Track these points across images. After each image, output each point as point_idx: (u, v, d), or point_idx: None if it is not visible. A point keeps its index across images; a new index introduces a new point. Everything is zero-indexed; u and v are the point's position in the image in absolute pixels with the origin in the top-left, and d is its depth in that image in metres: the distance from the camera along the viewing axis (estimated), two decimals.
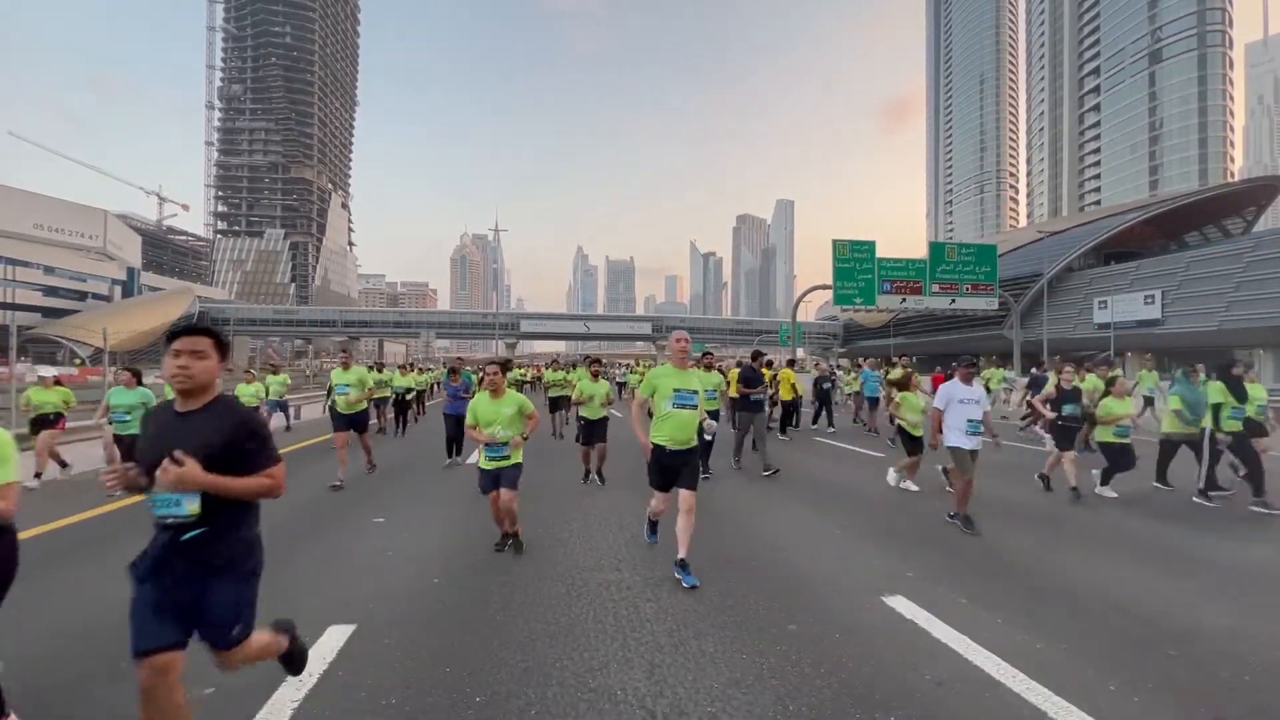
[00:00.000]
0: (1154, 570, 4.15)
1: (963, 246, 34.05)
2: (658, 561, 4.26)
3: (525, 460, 4.64)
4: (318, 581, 3.91)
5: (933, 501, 6.20)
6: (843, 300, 31.36)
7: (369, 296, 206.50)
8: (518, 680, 2.63)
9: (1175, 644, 3.00)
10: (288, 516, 5.65)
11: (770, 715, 2.37)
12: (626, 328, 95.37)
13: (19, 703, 2.35)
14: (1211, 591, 3.76)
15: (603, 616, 3.32)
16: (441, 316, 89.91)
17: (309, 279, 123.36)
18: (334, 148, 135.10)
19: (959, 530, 5.07)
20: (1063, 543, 4.83)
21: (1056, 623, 3.24)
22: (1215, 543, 4.85)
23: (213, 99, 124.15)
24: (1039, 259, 48.21)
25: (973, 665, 2.76)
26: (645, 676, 2.66)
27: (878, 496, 6.58)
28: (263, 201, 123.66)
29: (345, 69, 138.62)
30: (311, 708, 2.43)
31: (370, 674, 2.69)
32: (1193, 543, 4.86)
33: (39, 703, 2.46)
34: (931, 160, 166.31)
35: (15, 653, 2.74)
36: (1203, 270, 41.60)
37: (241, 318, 79.04)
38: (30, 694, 2.47)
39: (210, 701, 2.47)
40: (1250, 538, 5.03)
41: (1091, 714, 2.36)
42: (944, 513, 5.49)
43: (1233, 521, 5.54)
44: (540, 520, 5.42)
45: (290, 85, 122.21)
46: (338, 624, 3.18)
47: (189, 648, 1.91)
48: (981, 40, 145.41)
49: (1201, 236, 52.84)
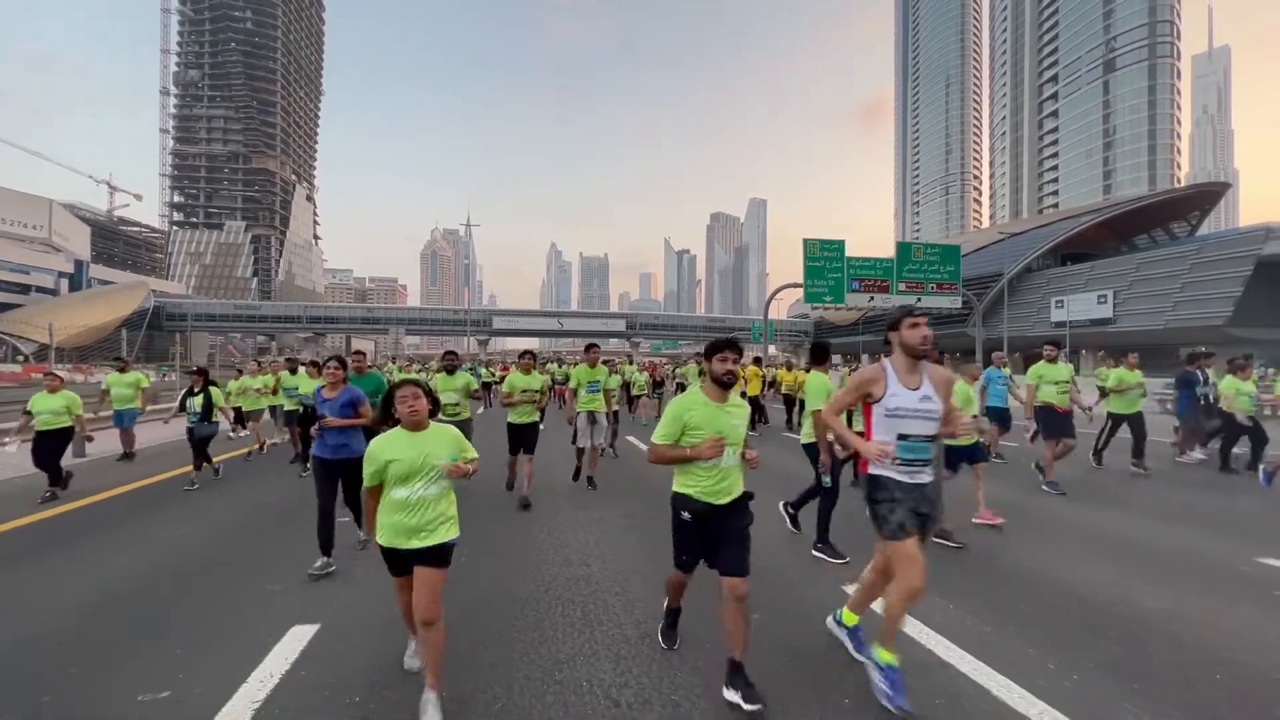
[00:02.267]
0: (1103, 556, 4.39)
1: (928, 247, 34.98)
2: (626, 557, 4.32)
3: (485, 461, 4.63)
4: (282, 582, 3.84)
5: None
6: (813, 298, 31.87)
7: (336, 292, 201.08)
8: (484, 675, 2.65)
9: (1117, 626, 3.19)
10: (253, 519, 5.52)
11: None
12: (601, 325, 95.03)
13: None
14: (1152, 575, 4.00)
15: (571, 611, 3.36)
16: (412, 313, 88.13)
17: (272, 273, 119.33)
18: (298, 138, 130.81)
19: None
20: (1022, 533, 5.05)
21: (1009, 608, 3.40)
22: (1164, 528, 5.14)
23: (168, 84, 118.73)
24: (1000, 259, 49.90)
25: (925, 648, 2.89)
26: (612, 668, 2.71)
27: (843, 492, 6.75)
28: (222, 192, 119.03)
29: (310, 56, 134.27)
30: (274, 707, 2.40)
31: (333, 673, 2.67)
32: (1136, 530, 5.14)
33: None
34: (900, 161, 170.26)
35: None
36: (1151, 272, 43.64)
37: (200, 313, 76.16)
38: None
39: (168, 703, 2.42)
40: (1195, 521, 5.34)
41: (1029, 690, 2.50)
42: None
43: (1180, 507, 5.88)
44: (513, 520, 5.41)
45: (251, 72, 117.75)
46: (301, 624, 3.14)
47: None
48: (947, 45, 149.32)
49: (1150, 239, 55.41)
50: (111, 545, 4.67)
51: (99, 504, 5.99)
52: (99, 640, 3.01)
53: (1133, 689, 2.55)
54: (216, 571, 4.05)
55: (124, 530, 5.08)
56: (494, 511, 5.61)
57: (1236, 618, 3.30)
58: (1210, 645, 2.95)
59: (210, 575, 3.97)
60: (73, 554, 4.42)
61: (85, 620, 3.25)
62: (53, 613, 3.36)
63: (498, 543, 4.66)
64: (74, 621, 3.23)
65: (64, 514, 5.58)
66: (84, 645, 2.94)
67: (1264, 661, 2.79)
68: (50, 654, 2.85)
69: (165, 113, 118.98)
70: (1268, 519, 5.52)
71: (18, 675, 2.68)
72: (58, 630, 3.13)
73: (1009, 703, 2.43)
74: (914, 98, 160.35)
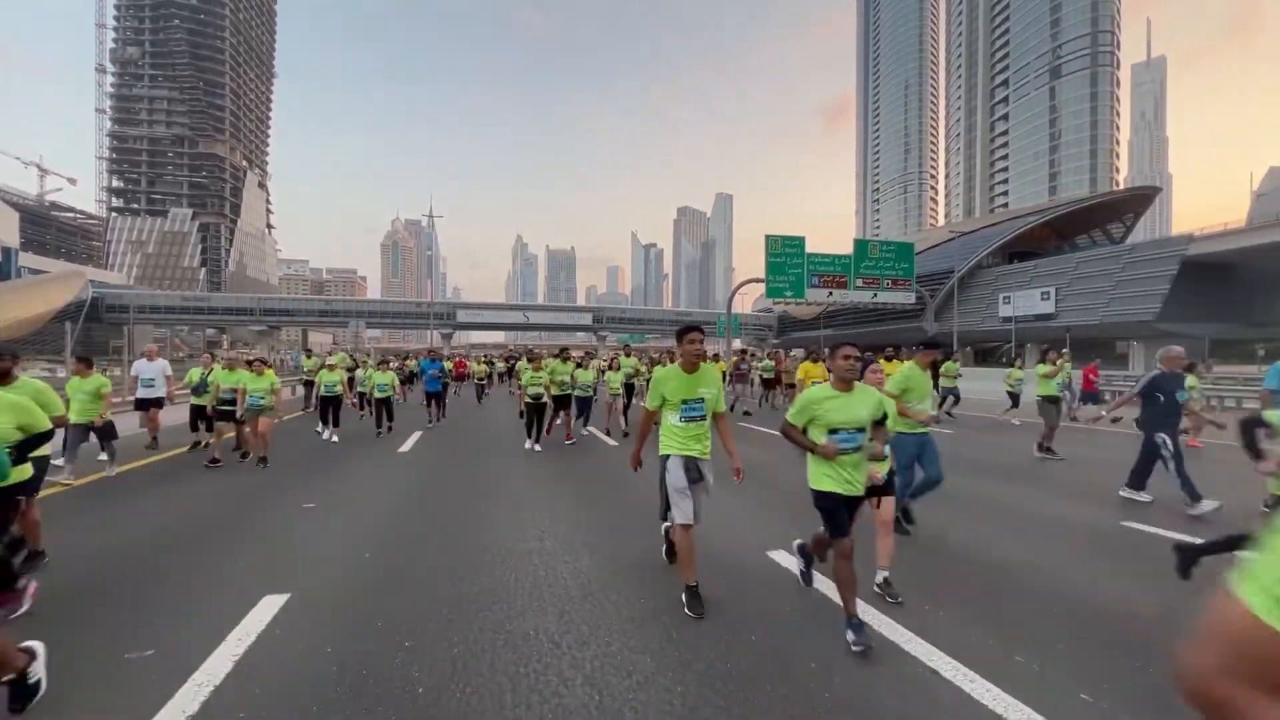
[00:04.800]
0: (1032, 534, 5.01)
1: (884, 244, 36.37)
2: (576, 532, 4.72)
3: (451, 439, 4.93)
4: (250, 558, 4.10)
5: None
6: (774, 293, 32.80)
7: (291, 283, 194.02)
8: (443, 628, 3.01)
9: (1015, 586, 3.77)
10: (218, 501, 5.69)
11: (657, 642, 2.88)
12: (568, 318, 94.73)
13: None
14: (1083, 553, 4.63)
15: (523, 578, 3.74)
16: (373, 305, 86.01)
17: (222, 263, 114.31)
18: (249, 122, 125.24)
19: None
20: (952, 510, 5.65)
21: (904, 564, 3.94)
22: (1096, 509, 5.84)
23: (104, 62, 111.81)
24: (952, 257, 52.11)
25: (825, 598, 3.39)
26: (556, 620, 3.11)
27: (783, 472, 7.31)
28: (165, 177, 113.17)
29: (261, 37, 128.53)
30: (253, 658, 2.71)
31: (306, 632, 2.98)
32: (1073, 510, 5.82)
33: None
34: (861, 160, 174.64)
35: None
36: (1089, 270, 46.35)
37: (143, 305, 72.49)
38: None
39: (154, 659, 2.70)
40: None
41: (905, 626, 3.02)
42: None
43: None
44: (473, 497, 5.74)
45: (196, 51, 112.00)
46: (272, 594, 3.42)
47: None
48: (907, 48, 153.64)
49: (1089, 239, 58.74)
50: (80, 530, 4.80)
51: (73, 491, 6.01)
52: (78, 609, 3.23)
53: (1047, 645, 3.09)
54: (182, 550, 4.25)
55: (90, 517, 5.18)
56: (452, 492, 5.92)
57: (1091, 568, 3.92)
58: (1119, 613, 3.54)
59: (178, 554, 4.18)
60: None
61: (64, 594, 3.45)
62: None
63: (455, 522, 4.98)
64: (53, 595, 3.43)
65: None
66: (66, 613, 3.16)
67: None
68: (33, 624, 3.07)
69: (101, 92, 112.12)
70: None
71: (16, 633, 2.89)
72: (39, 604, 3.33)
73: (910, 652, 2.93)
74: (875, 98, 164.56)
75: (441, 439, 10.10)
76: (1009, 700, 2.38)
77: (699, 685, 2.49)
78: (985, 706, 2.35)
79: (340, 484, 6.68)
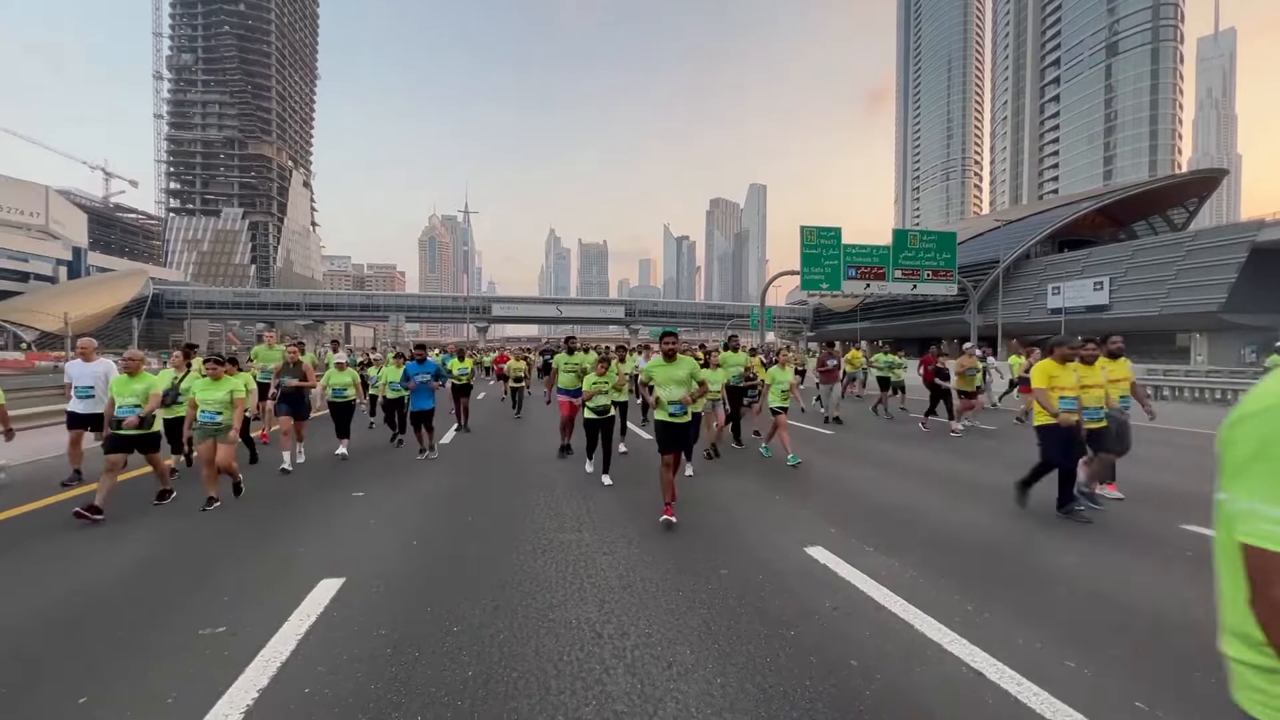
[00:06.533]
0: (1033, 520, 4.87)
1: (924, 234, 35.22)
2: (614, 525, 4.80)
3: (499, 435, 5.07)
4: (307, 544, 4.33)
5: (866, 470, 6.89)
6: (809, 285, 32.21)
7: (334, 279, 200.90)
8: (488, 615, 3.12)
9: (1030, 575, 3.67)
10: (274, 491, 6.00)
11: (696, 634, 2.92)
12: (599, 311, 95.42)
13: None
14: (1071, 535, 4.48)
15: (563, 568, 3.83)
16: (411, 299, 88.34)
17: (270, 260, 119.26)
18: (294, 123, 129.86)
19: (879, 494, 5.73)
20: (983, 505, 5.53)
21: (945, 564, 3.88)
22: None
23: (161, 69, 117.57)
24: (997, 246, 50.15)
25: (866, 596, 3.37)
26: (596, 610, 3.19)
27: (817, 467, 7.24)
28: (218, 178, 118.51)
29: (304, 39, 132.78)
30: (314, 636, 2.88)
31: (361, 613, 3.15)
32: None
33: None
34: (901, 147, 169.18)
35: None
36: (1147, 258, 43.89)
37: (199, 300, 76.39)
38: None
39: (225, 635, 2.90)
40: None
41: (948, 625, 2.98)
42: (878, 481, 6.16)
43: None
44: (512, 490, 5.89)
45: (245, 56, 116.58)
46: (329, 578, 3.61)
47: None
48: (950, 29, 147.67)
49: (1148, 225, 55.58)
50: (142, 523, 5.14)
51: (124, 484, 6.43)
52: (153, 590, 3.49)
53: (1042, 621, 3.03)
54: (245, 538, 4.52)
55: (152, 510, 5.55)
56: (492, 489, 6.08)
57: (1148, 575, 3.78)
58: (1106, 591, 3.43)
59: (241, 541, 4.45)
60: (112, 528, 4.87)
61: (136, 576, 3.73)
62: (108, 569, 3.84)
63: (497, 513, 5.13)
64: (126, 576, 3.71)
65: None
66: (146, 589, 3.42)
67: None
68: (113, 603, 3.33)
69: (159, 98, 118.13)
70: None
71: (103, 611, 3.15)
72: (114, 584, 3.60)
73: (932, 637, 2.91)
74: (915, 83, 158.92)
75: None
76: (1058, 705, 2.33)
77: (739, 678, 2.53)
78: (1034, 710, 2.30)
79: (382, 476, 6.93)
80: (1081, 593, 3.45)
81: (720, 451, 7.95)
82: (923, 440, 9.30)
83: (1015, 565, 3.91)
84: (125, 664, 2.66)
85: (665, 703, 2.35)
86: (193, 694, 2.42)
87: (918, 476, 6.62)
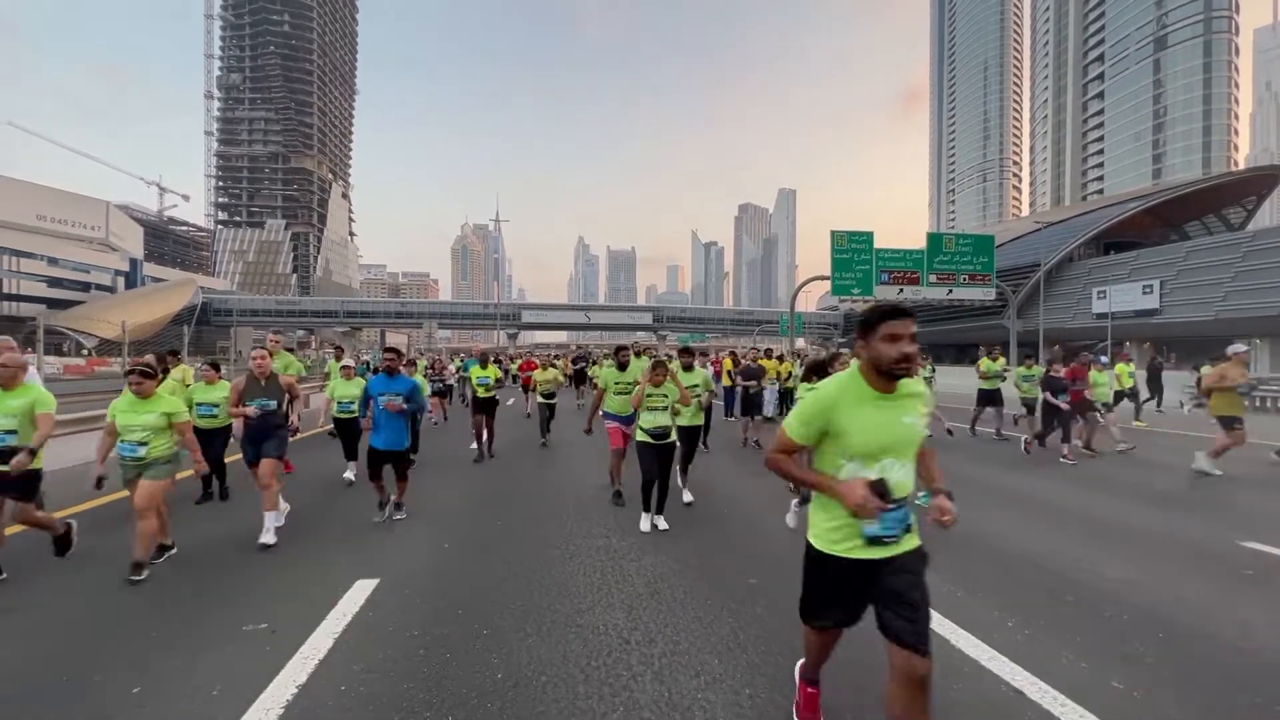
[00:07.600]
0: (1071, 528, 4.67)
1: (960, 237, 34.35)
2: (642, 532, 4.80)
3: (520, 445, 5.13)
4: (342, 546, 4.46)
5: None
6: (840, 291, 31.75)
7: (370, 287, 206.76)
8: (518, 619, 3.16)
9: (1075, 591, 3.52)
10: (311, 496, 6.20)
11: (724, 643, 2.90)
12: (627, 318, 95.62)
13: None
14: (1116, 548, 4.28)
15: (591, 573, 3.85)
16: (443, 307, 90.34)
17: (310, 269, 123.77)
18: (334, 137, 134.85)
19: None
20: (1008, 512, 5.34)
21: (983, 577, 3.76)
22: (1135, 509, 5.36)
23: (211, 88, 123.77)
24: (1038, 249, 48.42)
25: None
26: (624, 616, 3.20)
27: None
28: (263, 192, 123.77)
29: (344, 57, 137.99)
30: (350, 636, 2.97)
31: (395, 615, 3.23)
32: (1098, 505, 5.36)
33: None
34: (935, 149, 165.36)
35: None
36: (1201, 260, 41.78)
37: (244, 308, 79.66)
38: None
39: (266, 632, 3.01)
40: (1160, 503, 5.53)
41: (986, 642, 2.88)
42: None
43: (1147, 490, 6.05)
44: (541, 497, 5.95)
45: (289, 74, 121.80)
46: (364, 578, 3.71)
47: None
48: (986, 27, 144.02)
49: (1202, 226, 52.89)
50: (190, 523, 5.38)
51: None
52: (197, 589, 3.64)
53: (1074, 638, 2.90)
54: (281, 540, 4.68)
55: (196, 512, 5.79)
56: (523, 493, 6.16)
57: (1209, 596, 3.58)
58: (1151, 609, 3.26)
59: (282, 540, 4.60)
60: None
61: (178, 577, 3.90)
62: (156, 568, 4.03)
63: (528, 518, 5.19)
64: (171, 574, 3.89)
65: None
66: (187, 591, 3.58)
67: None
68: (159, 599, 3.49)
69: (210, 116, 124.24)
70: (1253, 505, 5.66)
71: (153, 605, 3.31)
72: (163, 582, 3.78)
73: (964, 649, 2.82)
74: (950, 83, 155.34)
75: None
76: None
77: (768, 689, 2.50)
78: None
79: (414, 480, 7.09)
80: (1130, 611, 3.29)
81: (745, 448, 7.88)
82: (949, 447, 9.03)
83: (1059, 580, 3.76)
84: (173, 657, 2.79)
85: (693, 711, 2.34)
86: (236, 687, 2.52)
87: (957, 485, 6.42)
